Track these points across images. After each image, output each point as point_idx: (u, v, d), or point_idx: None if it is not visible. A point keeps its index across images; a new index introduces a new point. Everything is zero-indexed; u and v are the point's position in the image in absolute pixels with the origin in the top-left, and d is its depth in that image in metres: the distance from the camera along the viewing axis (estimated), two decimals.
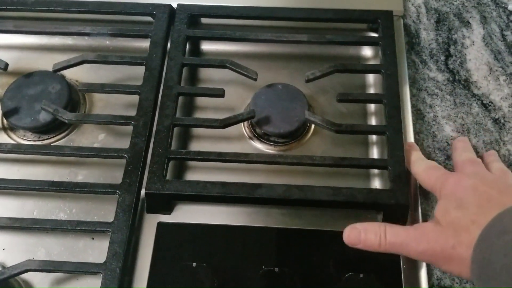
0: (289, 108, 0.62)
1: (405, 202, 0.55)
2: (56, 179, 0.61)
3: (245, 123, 0.64)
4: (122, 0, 0.69)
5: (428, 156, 0.61)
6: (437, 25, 0.71)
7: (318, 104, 0.66)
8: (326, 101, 0.66)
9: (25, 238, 0.58)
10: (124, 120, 0.60)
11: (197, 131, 0.65)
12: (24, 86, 0.64)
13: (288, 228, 0.57)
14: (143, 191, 0.57)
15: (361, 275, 0.52)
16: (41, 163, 0.63)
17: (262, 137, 0.63)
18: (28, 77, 0.65)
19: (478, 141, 0.62)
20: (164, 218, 0.58)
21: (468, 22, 0.71)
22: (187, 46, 0.66)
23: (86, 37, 0.70)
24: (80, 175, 0.62)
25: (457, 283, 0.55)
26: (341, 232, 0.56)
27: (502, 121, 0.64)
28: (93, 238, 0.58)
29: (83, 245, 0.58)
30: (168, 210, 0.58)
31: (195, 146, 0.64)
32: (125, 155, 0.58)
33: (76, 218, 0.58)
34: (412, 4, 0.72)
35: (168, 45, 0.66)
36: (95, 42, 0.71)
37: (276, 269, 0.53)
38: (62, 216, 0.59)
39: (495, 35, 0.70)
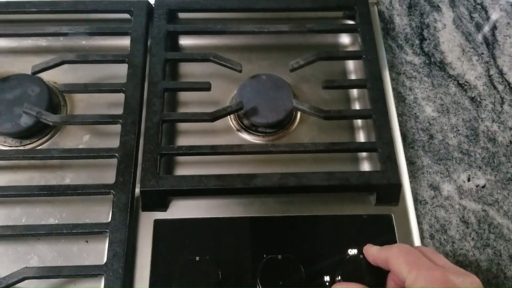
0: (275, 98, 0.62)
1: (396, 181, 0.57)
2: (42, 183, 0.60)
3: (232, 115, 0.64)
4: None
5: (412, 137, 0.64)
6: (410, 10, 0.73)
7: (301, 92, 0.67)
8: (309, 89, 0.67)
9: (15, 246, 0.56)
10: (112, 119, 0.59)
11: (183, 126, 0.64)
12: (1, 91, 0.62)
13: (285, 216, 0.57)
14: (137, 190, 0.57)
15: (361, 256, 0.53)
16: (23, 168, 0.61)
17: (250, 129, 0.64)
18: (4, 81, 0.63)
19: (457, 119, 0.65)
20: (160, 215, 0.57)
21: (438, 6, 0.73)
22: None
23: (61, 38, 0.68)
24: (68, 178, 0.61)
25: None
26: (337, 216, 0.57)
27: (478, 99, 0.66)
28: (87, 241, 0.57)
29: (78, 249, 0.56)
30: (164, 207, 0.57)
31: (183, 141, 0.63)
32: (116, 154, 0.57)
33: (67, 222, 0.57)
34: None
35: (149, 41, 0.65)
36: (70, 42, 0.69)
37: (279, 257, 0.54)
38: (52, 221, 0.58)
39: (464, 18, 0.73)
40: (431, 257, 0.44)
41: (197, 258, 0.53)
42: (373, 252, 0.49)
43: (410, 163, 0.62)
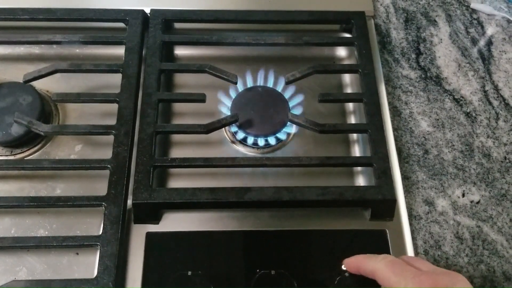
0: (271, 110, 0.62)
1: (391, 197, 0.56)
2: (32, 194, 0.59)
3: (227, 127, 0.63)
4: (92, 7, 0.67)
5: (407, 152, 0.63)
6: (406, 24, 0.73)
7: None
8: (304, 101, 0.66)
9: (3, 258, 0.55)
10: (105, 129, 0.58)
11: (178, 137, 0.64)
12: None
13: (279, 230, 0.57)
14: (129, 202, 0.56)
15: None
16: (13, 178, 0.60)
17: (245, 141, 0.63)
18: None
19: (453, 134, 0.65)
20: (153, 228, 0.56)
21: (435, 21, 0.73)
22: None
23: (54, 46, 0.68)
24: (58, 189, 0.60)
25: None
26: (331, 231, 0.57)
27: (474, 114, 0.66)
28: (77, 254, 0.56)
29: (68, 261, 0.55)
30: (156, 220, 0.57)
31: (177, 153, 0.63)
32: (109, 166, 0.56)
33: (58, 234, 0.56)
34: (381, 5, 0.74)
35: (143, 51, 0.64)
36: (64, 50, 0.68)
37: (272, 272, 0.53)
38: (42, 232, 0.57)
39: (461, 33, 0.73)
40: (415, 264, 0.46)
41: (189, 273, 0.53)
42: (358, 263, 0.50)
43: (405, 178, 0.62)
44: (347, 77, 0.69)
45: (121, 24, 0.66)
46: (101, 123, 0.60)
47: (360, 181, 0.62)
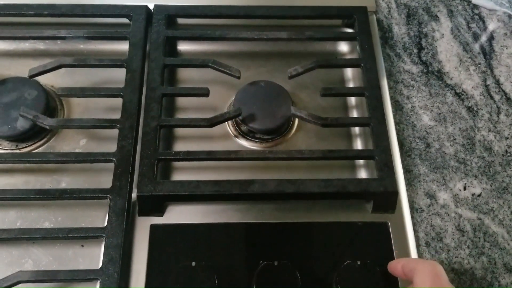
0: (273, 105, 0.62)
1: (393, 189, 0.57)
2: (38, 187, 0.59)
3: (230, 121, 0.64)
4: (96, 3, 0.67)
5: (409, 145, 0.64)
6: (408, 20, 0.73)
7: (299, 99, 0.67)
8: (307, 96, 0.67)
9: (10, 250, 0.56)
10: (109, 123, 0.59)
11: (181, 131, 0.64)
12: None
13: (282, 222, 0.57)
14: (133, 194, 0.56)
15: (358, 263, 0.53)
16: (19, 172, 0.61)
17: (248, 135, 0.64)
18: (1, 84, 0.62)
19: (454, 128, 0.65)
20: (157, 220, 0.57)
21: (436, 16, 0.74)
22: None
23: (58, 41, 0.68)
24: (64, 182, 0.60)
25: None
26: (333, 223, 0.57)
27: (475, 108, 0.67)
28: (82, 246, 0.56)
29: (73, 253, 0.56)
30: (160, 212, 0.57)
31: (180, 146, 0.63)
32: (113, 159, 0.57)
33: (63, 226, 0.57)
34: (383, 0, 0.75)
35: (147, 46, 0.65)
36: (68, 46, 0.69)
37: (275, 263, 0.53)
38: (47, 225, 0.58)
39: (462, 28, 0.73)
40: None
41: (193, 264, 0.53)
42: (401, 260, 0.51)
43: (406, 171, 0.62)
44: (349, 72, 0.69)
45: (125, 20, 0.67)
46: (106, 117, 0.61)
47: (362, 174, 0.62)
